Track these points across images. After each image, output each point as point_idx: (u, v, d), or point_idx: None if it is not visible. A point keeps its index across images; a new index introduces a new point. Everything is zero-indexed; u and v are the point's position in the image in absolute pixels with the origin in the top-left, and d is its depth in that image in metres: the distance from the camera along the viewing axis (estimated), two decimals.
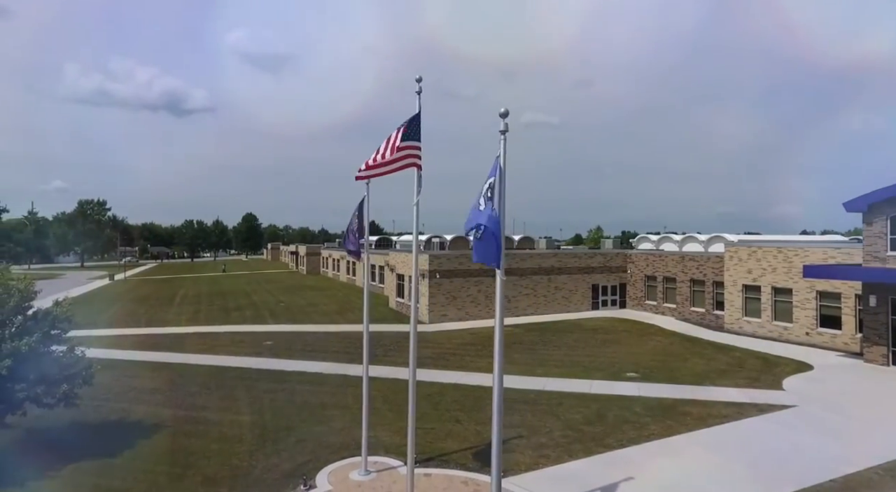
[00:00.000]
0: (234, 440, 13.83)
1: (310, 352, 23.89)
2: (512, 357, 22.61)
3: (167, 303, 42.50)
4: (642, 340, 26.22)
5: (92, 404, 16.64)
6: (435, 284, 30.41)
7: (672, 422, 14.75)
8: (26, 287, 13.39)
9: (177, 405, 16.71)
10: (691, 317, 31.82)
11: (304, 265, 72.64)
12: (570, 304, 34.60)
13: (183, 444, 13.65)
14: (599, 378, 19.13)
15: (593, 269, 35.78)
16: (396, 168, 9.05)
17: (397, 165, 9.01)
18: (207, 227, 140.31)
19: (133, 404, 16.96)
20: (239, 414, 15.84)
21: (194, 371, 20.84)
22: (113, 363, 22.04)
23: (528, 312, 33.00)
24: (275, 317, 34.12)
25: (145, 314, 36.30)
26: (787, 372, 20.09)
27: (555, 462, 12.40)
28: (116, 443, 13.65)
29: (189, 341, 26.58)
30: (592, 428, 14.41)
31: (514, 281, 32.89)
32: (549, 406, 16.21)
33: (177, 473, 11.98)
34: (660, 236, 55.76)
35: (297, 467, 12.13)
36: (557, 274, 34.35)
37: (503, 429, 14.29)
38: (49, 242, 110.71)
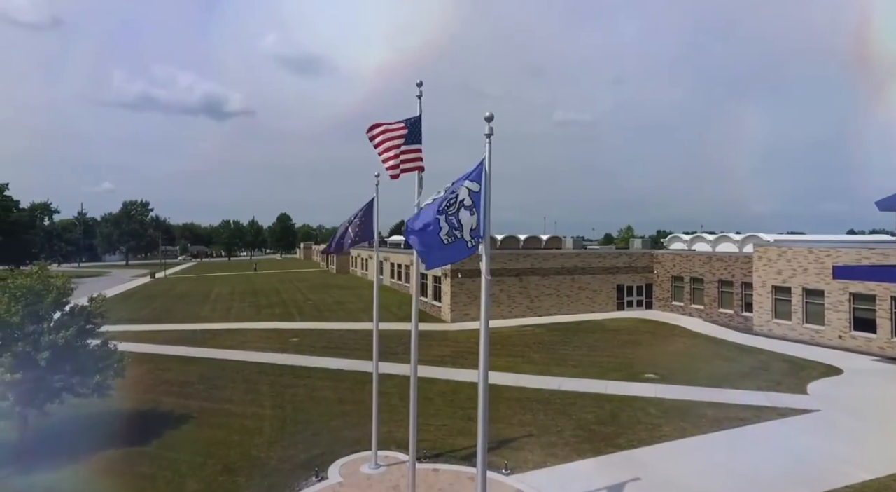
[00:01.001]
0: (254, 432, 14.43)
1: (332, 349, 24.51)
2: (530, 356, 22.71)
3: (202, 300, 44.11)
4: (665, 342, 25.84)
5: (126, 395, 17.59)
6: (457, 283, 30.67)
7: (686, 424, 14.61)
8: (63, 284, 14.25)
9: (204, 398, 17.48)
10: (719, 319, 31.10)
11: (334, 264, 74.03)
12: (595, 304, 34.30)
13: (207, 434, 14.33)
14: (616, 379, 19.03)
15: (618, 269, 35.35)
16: (408, 170, 9.34)
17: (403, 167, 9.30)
18: (243, 227, 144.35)
19: (163, 395, 17.82)
20: (261, 407, 16.47)
21: (222, 366, 21.70)
22: (148, 357, 23.19)
23: (550, 312, 32.90)
24: (302, 315, 35.03)
25: (181, 311, 37.79)
26: (814, 376, 19.52)
27: (563, 461, 12.50)
28: (146, 432, 14.44)
29: (220, 337, 27.61)
30: (604, 428, 14.41)
31: (537, 281, 32.85)
32: (562, 406, 16.26)
33: (199, 461, 12.63)
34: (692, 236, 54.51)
35: (311, 459, 12.61)
36: (581, 274, 34.10)
37: (513, 427, 14.52)
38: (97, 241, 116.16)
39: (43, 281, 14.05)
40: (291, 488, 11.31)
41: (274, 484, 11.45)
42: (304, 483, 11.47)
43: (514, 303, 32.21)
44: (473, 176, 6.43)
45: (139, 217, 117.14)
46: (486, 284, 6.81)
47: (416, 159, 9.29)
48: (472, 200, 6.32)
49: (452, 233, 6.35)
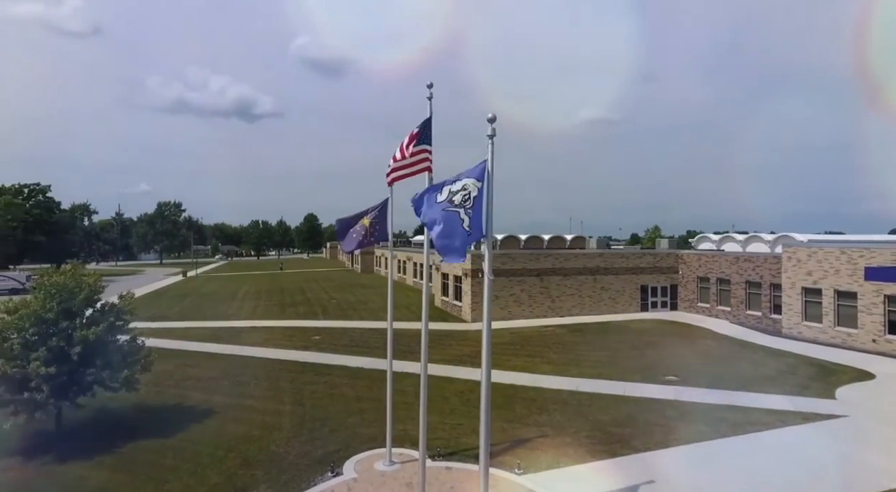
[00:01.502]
0: (273, 427, 14.81)
1: (353, 347, 24.87)
2: (549, 357, 22.62)
3: (230, 298, 45.23)
4: (689, 344, 25.38)
5: (154, 389, 18.27)
6: (477, 283, 30.70)
7: (705, 427, 14.38)
8: (95, 282, 14.90)
9: (227, 393, 17.99)
10: (747, 321, 30.36)
11: (359, 264, 74.87)
12: (617, 305, 33.89)
13: (229, 429, 14.76)
14: (635, 380, 18.81)
15: (642, 269, 34.83)
16: (413, 172, 9.49)
17: (413, 169, 9.45)
18: (272, 227, 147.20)
19: (190, 390, 18.40)
20: (281, 403, 16.87)
21: (247, 362, 22.26)
22: (177, 353, 23.96)
23: (572, 312, 32.66)
24: (325, 313, 35.60)
25: (210, 309, 38.84)
26: (844, 381, 18.92)
27: (576, 462, 12.46)
28: (172, 425, 14.97)
29: (246, 335, 28.31)
30: (620, 430, 14.30)
31: (558, 281, 32.64)
32: (578, 406, 16.19)
33: (220, 454, 13.04)
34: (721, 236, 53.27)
35: (327, 455, 12.88)
36: (604, 274, 33.73)
37: (528, 427, 14.51)
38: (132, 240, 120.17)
39: (76, 279, 14.71)
40: (307, 482, 11.58)
41: (290, 478, 11.75)
42: (319, 478, 11.73)
43: (535, 303, 32.08)
44: (477, 175, 6.53)
45: (172, 217, 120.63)
46: (488, 284, 6.90)
47: (423, 160, 9.42)
48: (472, 199, 6.43)
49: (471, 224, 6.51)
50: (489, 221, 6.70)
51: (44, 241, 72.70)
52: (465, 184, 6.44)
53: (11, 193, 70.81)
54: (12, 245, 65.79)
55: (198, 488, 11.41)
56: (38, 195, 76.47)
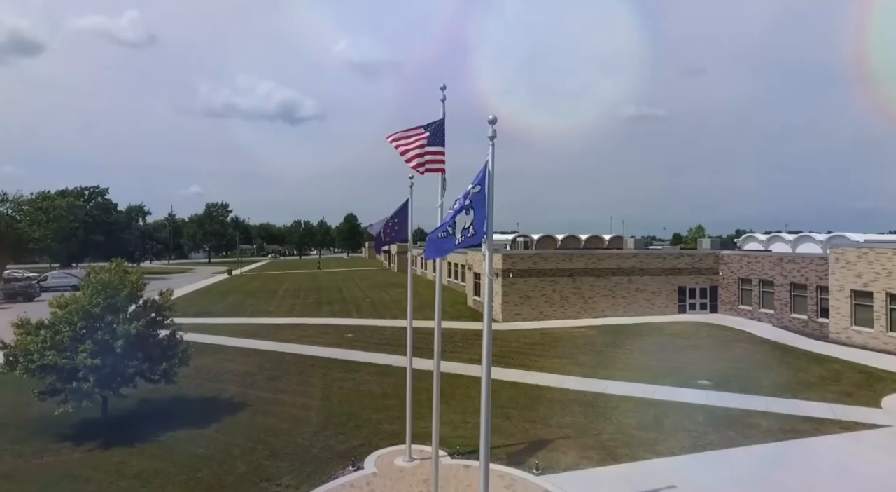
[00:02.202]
0: (301, 421, 15.31)
1: (384, 345, 25.30)
2: (578, 358, 22.37)
3: (271, 296, 46.73)
4: (726, 347, 24.55)
5: (194, 382, 19.18)
6: (508, 283, 30.64)
7: (734, 433, 13.95)
8: (137, 280, 15.79)
9: (261, 388, 18.69)
10: (791, 324, 29.06)
11: (395, 263, 75.80)
12: (654, 306, 33.07)
13: (259, 422, 15.36)
14: (666, 384, 18.38)
15: (680, 270, 33.86)
16: (426, 170, 9.67)
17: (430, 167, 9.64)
18: (313, 227, 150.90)
19: (226, 384, 19.20)
20: (310, 398, 17.40)
21: (281, 358, 23.02)
22: (217, 348, 25.01)
23: (606, 313, 32.10)
24: (359, 312, 36.31)
25: (251, 306, 40.27)
26: (893, 389, 17.90)
27: (597, 465, 12.36)
28: (207, 417, 15.68)
29: (282, 331, 29.24)
30: (645, 434, 14.05)
31: (592, 282, 32.16)
32: (604, 409, 15.99)
33: (249, 446, 13.59)
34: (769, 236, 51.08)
35: (350, 449, 13.24)
36: (639, 275, 32.99)
37: (551, 428, 14.47)
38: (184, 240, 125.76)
39: (120, 276, 15.62)
40: (329, 475, 11.95)
41: (313, 471, 12.15)
42: (340, 472, 12.08)
43: (568, 303, 31.72)
44: (478, 179, 6.64)
45: (220, 218, 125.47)
46: (488, 284, 6.99)
47: (438, 160, 9.58)
48: (470, 201, 6.53)
49: (445, 230, 6.61)
50: (489, 222, 6.79)
51: (102, 240, 77.04)
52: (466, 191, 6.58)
53: (74, 196, 75.43)
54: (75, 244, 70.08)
55: (226, 477, 11.95)
56: (98, 197, 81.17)
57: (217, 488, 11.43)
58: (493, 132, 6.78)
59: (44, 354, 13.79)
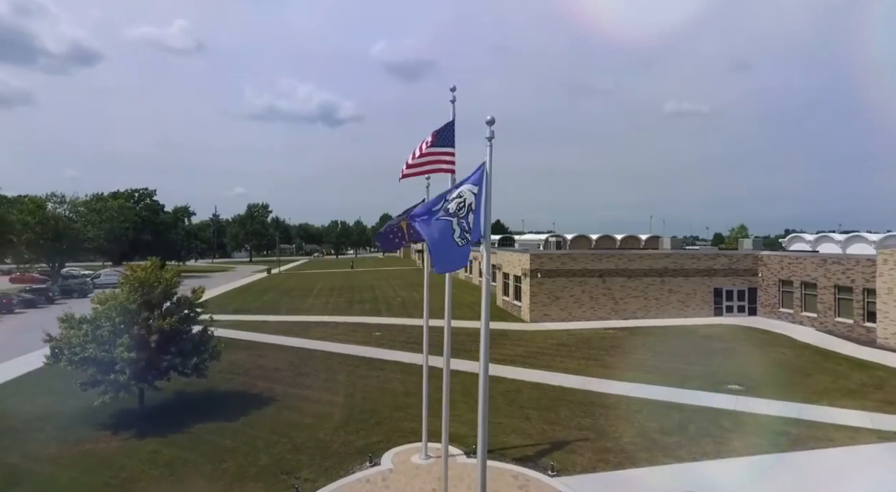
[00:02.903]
0: (324, 417, 15.70)
1: (410, 344, 25.54)
2: (604, 360, 22.04)
3: (305, 294, 47.86)
4: (762, 351, 23.66)
5: (226, 377, 19.93)
6: (536, 283, 30.40)
7: (761, 440, 13.48)
8: (171, 278, 16.53)
9: (288, 383, 19.24)
10: (836, 329, 27.72)
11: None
12: (687, 308, 32.15)
13: (284, 416, 15.84)
14: (694, 388, 17.90)
15: (716, 271, 32.78)
16: (425, 171, 9.80)
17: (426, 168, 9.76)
18: (350, 226, 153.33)
19: (256, 379, 19.85)
20: (335, 395, 17.80)
21: (310, 355, 23.61)
22: (250, 344, 25.85)
23: (637, 315, 31.42)
24: (389, 310, 36.76)
25: (286, 304, 41.37)
26: None
27: (613, 468, 12.20)
28: (235, 410, 16.28)
29: (313, 329, 29.94)
30: (666, 438, 13.76)
31: (622, 283, 31.54)
32: (626, 412, 15.72)
33: (273, 439, 14.05)
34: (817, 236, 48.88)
35: (369, 446, 13.50)
36: (672, 276, 32.12)
37: (570, 430, 14.35)
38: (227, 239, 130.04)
39: (155, 274, 16.40)
40: (346, 470, 12.23)
41: (332, 465, 12.46)
42: (357, 467, 12.34)
43: (598, 304, 31.22)
44: (474, 179, 6.70)
45: (261, 218, 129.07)
46: (486, 284, 7.05)
47: (447, 161, 9.68)
48: (476, 203, 6.60)
49: (464, 235, 6.68)
50: (487, 223, 6.84)
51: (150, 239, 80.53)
52: (460, 191, 6.62)
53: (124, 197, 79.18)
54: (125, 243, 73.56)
55: (249, 468, 12.41)
56: (146, 199, 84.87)
57: (240, 479, 11.87)
58: (492, 133, 6.83)
59: (85, 347, 14.64)
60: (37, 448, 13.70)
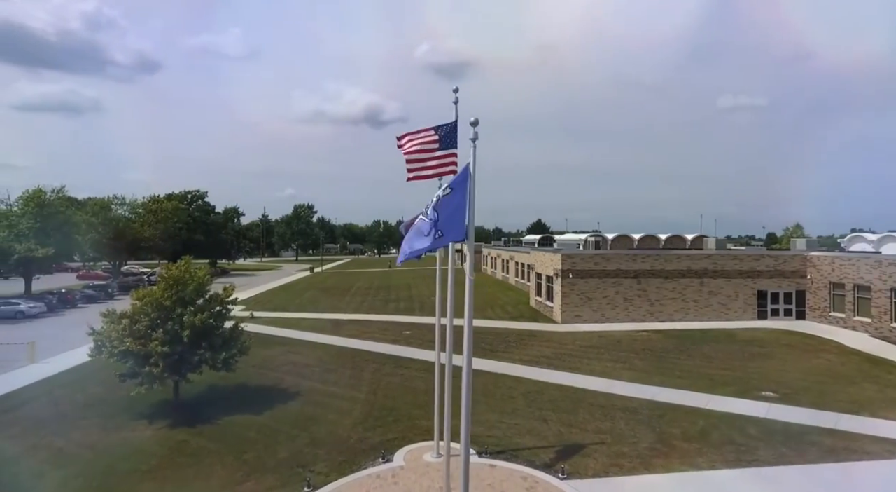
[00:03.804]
0: (345, 413, 16.09)
1: None
2: (632, 363, 21.51)
3: (343, 293, 48.93)
4: (805, 357, 22.46)
5: (258, 371, 20.73)
6: (568, 283, 29.93)
7: (789, 451, 12.86)
8: (203, 276, 17.33)
9: (315, 379, 19.81)
10: (891, 335, 25.92)
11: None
12: (729, 311, 30.84)
13: (308, 411, 16.34)
14: (724, 394, 17.23)
15: (760, 273, 31.29)
16: (434, 175, 9.90)
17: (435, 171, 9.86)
18: (392, 226, 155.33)
19: (286, 375, 20.52)
20: (358, 391, 18.19)
21: (340, 352, 24.19)
22: (285, 341, 26.73)
23: (674, 317, 30.41)
24: (422, 310, 37.07)
25: (324, 302, 42.44)
26: None
27: (626, 473, 11.96)
28: (263, 404, 16.92)
29: (346, 327, 30.62)
30: (687, 444, 13.34)
31: (659, 284, 30.60)
32: (648, 416, 15.33)
33: (294, 433, 14.53)
34: (881, 236, 45.78)
35: (384, 442, 13.76)
36: (712, 277, 30.89)
37: (587, 433, 14.15)
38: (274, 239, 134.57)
39: (189, 273, 17.25)
40: (359, 465, 12.52)
41: (346, 460, 12.78)
42: (370, 463, 12.61)
43: (632, 306, 30.42)
44: (452, 181, 6.77)
45: (306, 218, 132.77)
46: (469, 284, 7.11)
47: (450, 163, 9.76)
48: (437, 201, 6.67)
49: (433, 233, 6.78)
50: (471, 223, 6.90)
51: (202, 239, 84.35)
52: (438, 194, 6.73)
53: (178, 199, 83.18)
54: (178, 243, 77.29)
55: (267, 460, 12.90)
56: (198, 200, 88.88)
57: (258, 470, 12.37)
58: (475, 134, 6.88)
59: (123, 340, 15.58)
60: (81, 434, 14.71)
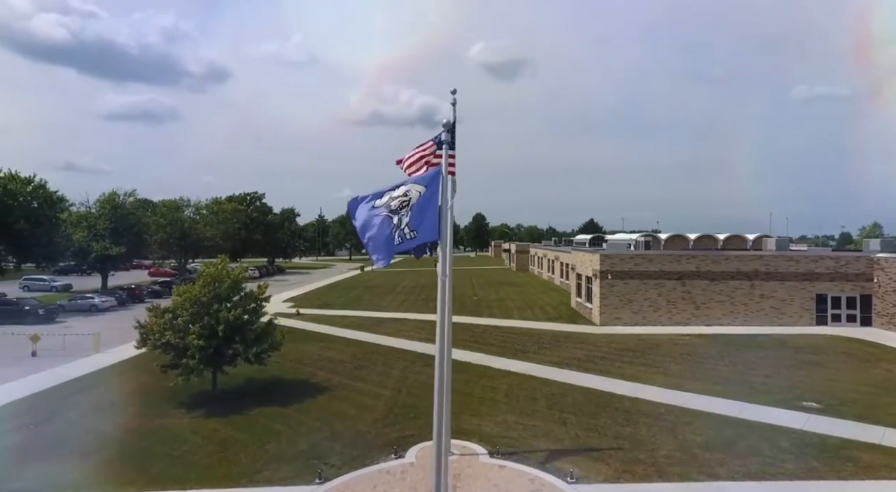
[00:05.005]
0: (368, 409, 16.49)
1: (470, 342, 25.80)
2: (667, 368, 20.72)
3: (387, 292, 49.85)
4: (861, 367, 20.82)
5: (294, 366, 21.58)
6: (607, 284, 29.13)
7: (822, 465, 12.05)
8: (238, 275, 18.26)
9: (346, 375, 20.38)
10: None
11: (514, 262, 75.70)
12: (782, 316, 28.99)
13: (333, 406, 16.87)
14: (761, 403, 16.30)
15: (819, 275, 29.21)
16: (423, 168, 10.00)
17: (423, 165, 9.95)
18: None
19: (319, 370, 21.24)
20: (384, 388, 18.58)
21: (374, 349, 24.73)
22: (324, 337, 27.63)
23: (721, 322, 28.93)
24: (460, 309, 37.14)
25: (367, 300, 43.44)
26: None
27: (638, 480, 11.62)
28: (292, 398, 17.62)
29: (384, 325, 31.24)
30: (708, 454, 12.77)
31: (705, 286, 29.21)
32: (672, 423, 14.77)
33: (316, 426, 15.06)
34: None
35: (400, 439, 14.00)
36: (764, 280, 29.14)
37: (605, 438, 13.88)
38: (329, 239, 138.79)
39: (225, 271, 18.22)
40: (372, 460, 12.82)
41: (360, 454, 13.12)
42: (383, 458, 12.89)
43: (676, 309, 29.21)
44: (420, 180, 6.86)
45: None
46: (442, 285, 7.19)
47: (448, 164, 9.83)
48: (408, 200, 6.77)
49: (402, 232, 6.89)
50: (445, 225, 6.97)
51: (260, 239, 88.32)
52: (407, 190, 6.80)
53: (237, 201, 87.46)
54: (238, 242, 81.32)
55: (287, 451, 13.46)
56: (256, 201, 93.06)
57: (277, 460, 12.93)
58: (449, 137, 6.95)
59: (163, 333, 16.69)
60: (126, 420, 15.88)
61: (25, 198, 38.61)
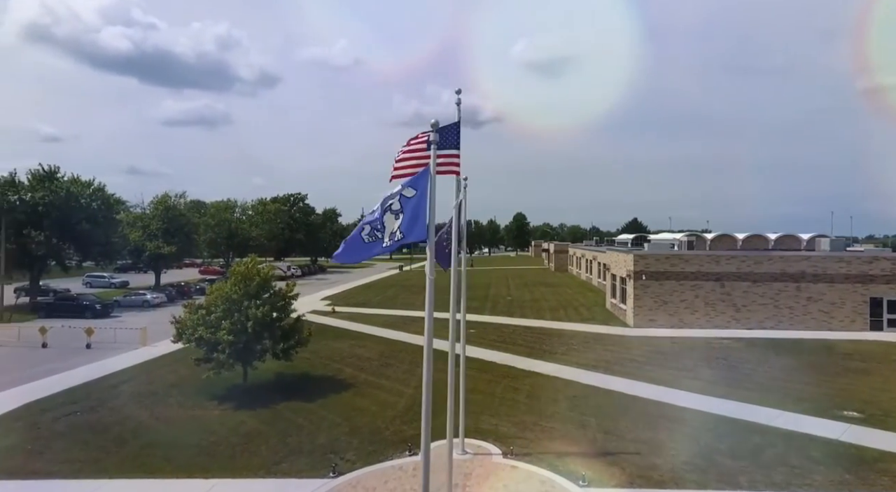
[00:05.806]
0: (389, 406, 16.73)
1: (498, 342, 25.70)
2: (699, 372, 20.01)
3: (422, 290, 49.67)
4: None
5: (322, 362, 22.13)
6: (641, 285, 28.35)
7: (854, 478, 11.37)
8: (266, 273, 18.88)
9: (371, 372, 20.73)
10: None
11: (553, 262, 74.73)
12: (832, 320, 27.39)
13: (355, 402, 17.21)
14: (797, 410, 15.51)
15: (873, 277, 27.43)
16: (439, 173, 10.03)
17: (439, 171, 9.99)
18: (483, 226, 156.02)
19: (346, 366, 21.70)
20: (406, 386, 18.79)
21: (402, 348, 25.02)
22: (356, 335, 28.18)
23: (764, 325, 27.61)
24: (493, 310, 37.11)
25: (402, 299, 43.94)
26: None
27: (653, 486, 11.31)
28: (318, 393, 18.08)
29: (415, 324, 31.49)
30: (731, 462, 12.27)
31: (746, 288, 27.96)
32: (697, 429, 14.27)
33: (337, 422, 15.41)
34: None
35: (416, 436, 14.08)
36: (812, 282, 27.60)
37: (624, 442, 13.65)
38: None
39: (255, 269, 18.89)
40: (386, 456, 13.03)
41: (375, 450, 13.35)
42: (397, 455, 13.07)
43: (715, 311, 28.10)
44: (411, 182, 6.94)
45: None
46: (430, 286, 7.26)
47: (451, 164, 9.88)
48: (400, 204, 6.85)
49: (374, 234, 6.98)
50: (431, 225, 7.03)
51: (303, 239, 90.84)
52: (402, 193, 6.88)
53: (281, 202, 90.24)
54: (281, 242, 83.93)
55: (306, 444, 13.84)
56: (299, 202, 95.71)
57: (295, 453, 13.33)
58: (435, 137, 7.01)
59: (196, 329, 17.47)
60: (162, 410, 16.71)
61: (86, 200, 41.27)
